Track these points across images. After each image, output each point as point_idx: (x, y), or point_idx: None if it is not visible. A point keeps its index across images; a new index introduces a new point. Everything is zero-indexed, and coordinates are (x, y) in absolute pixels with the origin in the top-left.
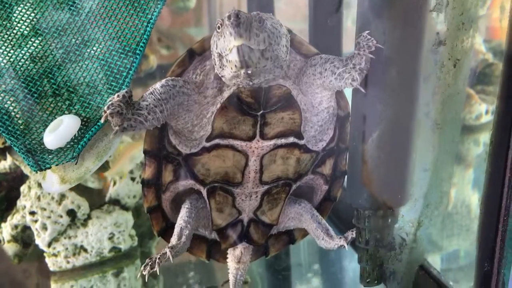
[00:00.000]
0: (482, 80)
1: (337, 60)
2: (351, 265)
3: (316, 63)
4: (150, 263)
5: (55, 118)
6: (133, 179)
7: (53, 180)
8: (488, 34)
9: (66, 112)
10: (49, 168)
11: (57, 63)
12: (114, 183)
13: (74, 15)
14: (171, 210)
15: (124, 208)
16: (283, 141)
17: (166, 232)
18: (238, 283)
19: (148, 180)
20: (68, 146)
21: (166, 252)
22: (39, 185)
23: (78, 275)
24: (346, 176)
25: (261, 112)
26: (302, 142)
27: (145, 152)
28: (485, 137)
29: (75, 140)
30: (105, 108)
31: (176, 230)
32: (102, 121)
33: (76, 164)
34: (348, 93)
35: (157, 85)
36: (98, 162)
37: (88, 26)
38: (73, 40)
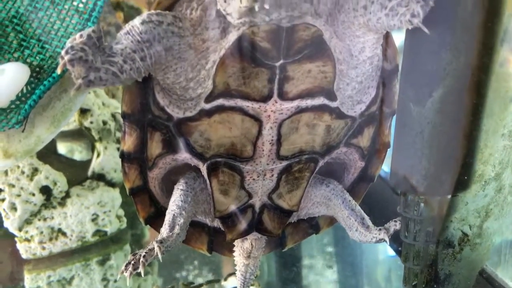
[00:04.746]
0: None
1: None
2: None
3: None
4: (133, 262)
5: None
6: None
7: None
8: None
9: (11, 59)
10: None
11: None
12: (98, 155)
13: None
14: (161, 191)
15: (110, 184)
16: (309, 102)
17: (156, 219)
18: (247, 283)
19: (129, 153)
20: (12, 106)
21: (153, 248)
22: None
23: (56, 263)
24: (389, 150)
25: (280, 62)
26: (334, 104)
27: (124, 116)
28: None
29: (22, 98)
30: (63, 53)
31: (168, 218)
32: (58, 71)
33: (23, 131)
34: (396, 38)
35: (136, 22)
36: (54, 129)
37: None
38: None
